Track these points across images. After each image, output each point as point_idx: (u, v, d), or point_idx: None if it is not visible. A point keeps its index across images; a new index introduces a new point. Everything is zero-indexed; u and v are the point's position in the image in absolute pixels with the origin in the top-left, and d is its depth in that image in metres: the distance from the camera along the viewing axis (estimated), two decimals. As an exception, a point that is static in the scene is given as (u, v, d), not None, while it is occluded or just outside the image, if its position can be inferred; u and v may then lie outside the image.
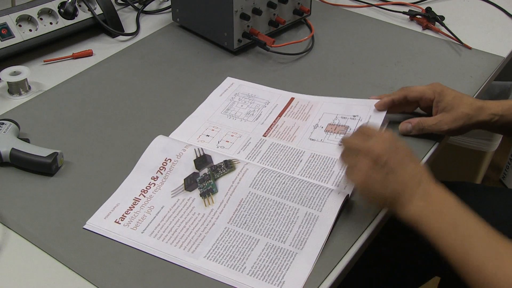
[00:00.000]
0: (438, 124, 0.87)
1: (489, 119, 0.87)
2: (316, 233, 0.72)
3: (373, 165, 0.69)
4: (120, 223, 0.74)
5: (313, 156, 0.85)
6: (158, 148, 0.83)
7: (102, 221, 0.74)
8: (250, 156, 0.85)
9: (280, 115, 0.94)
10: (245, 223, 0.74)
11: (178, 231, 0.73)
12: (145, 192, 0.79)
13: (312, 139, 0.88)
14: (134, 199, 0.77)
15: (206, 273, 0.68)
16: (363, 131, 0.74)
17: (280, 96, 0.98)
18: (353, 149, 0.72)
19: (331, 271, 0.69)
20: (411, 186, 0.68)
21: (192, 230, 0.73)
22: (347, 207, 0.77)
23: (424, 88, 0.89)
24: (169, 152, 0.82)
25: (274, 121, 0.92)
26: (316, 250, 0.70)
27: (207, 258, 0.69)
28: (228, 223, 0.74)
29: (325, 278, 0.68)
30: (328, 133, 0.89)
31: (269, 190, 0.77)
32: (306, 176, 0.81)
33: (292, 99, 0.97)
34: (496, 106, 0.88)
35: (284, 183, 0.77)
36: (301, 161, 0.84)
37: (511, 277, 0.62)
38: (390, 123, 0.92)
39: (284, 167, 0.83)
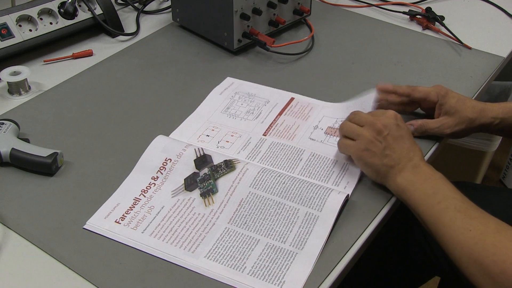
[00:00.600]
0: (441, 128, 0.87)
1: (491, 122, 0.87)
2: (316, 233, 0.72)
3: (374, 137, 0.76)
4: (120, 223, 0.74)
5: (313, 155, 0.85)
6: (158, 148, 0.83)
7: (102, 221, 0.74)
8: (250, 156, 0.85)
9: (280, 113, 0.94)
10: (245, 223, 0.74)
11: (178, 231, 0.73)
12: (146, 192, 0.79)
13: (312, 139, 0.88)
14: (134, 199, 0.77)
15: (206, 273, 0.68)
16: (372, 113, 0.81)
17: (280, 96, 0.98)
18: (360, 120, 0.79)
19: (331, 271, 0.69)
20: (404, 160, 0.75)
21: (192, 230, 0.73)
22: (347, 207, 0.77)
23: (428, 89, 0.89)
24: (169, 152, 0.82)
25: (274, 120, 0.92)
26: (316, 250, 0.70)
27: (207, 258, 0.69)
28: (228, 223, 0.74)
29: (325, 278, 0.68)
30: (328, 135, 0.89)
31: (269, 190, 0.77)
32: (306, 176, 0.81)
33: (292, 99, 0.97)
34: (497, 109, 0.88)
35: (284, 183, 0.77)
36: (301, 160, 0.84)
37: (478, 239, 0.67)
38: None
39: (284, 167, 0.83)
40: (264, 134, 0.89)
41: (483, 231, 0.67)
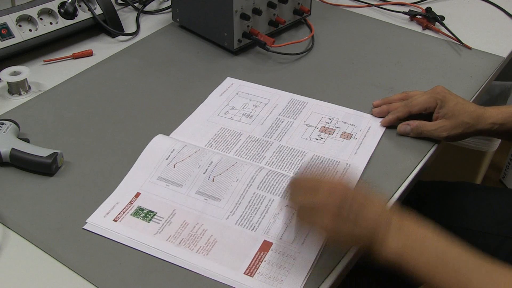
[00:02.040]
0: (438, 130, 0.87)
1: (489, 128, 0.87)
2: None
3: (335, 220, 0.63)
4: (118, 222, 0.74)
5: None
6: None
7: (101, 220, 0.74)
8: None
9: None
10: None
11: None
12: (145, 192, 0.79)
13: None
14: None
15: (206, 273, 0.68)
16: (303, 185, 0.68)
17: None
18: (307, 207, 0.66)
19: (331, 272, 0.69)
20: (382, 228, 0.63)
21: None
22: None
23: (425, 98, 0.88)
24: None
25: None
26: (316, 250, 0.70)
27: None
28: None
29: (325, 278, 0.68)
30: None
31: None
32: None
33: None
34: (496, 114, 0.87)
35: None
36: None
37: None
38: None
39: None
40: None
41: (504, 285, 0.58)
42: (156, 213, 0.75)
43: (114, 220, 0.74)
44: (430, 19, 1.20)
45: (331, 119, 0.93)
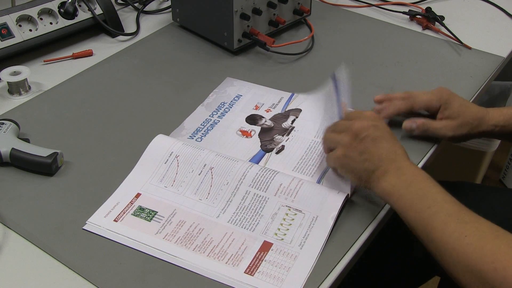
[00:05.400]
0: (444, 129, 0.87)
1: (491, 129, 0.87)
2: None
3: (352, 140, 0.73)
4: (118, 222, 0.74)
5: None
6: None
7: (102, 220, 0.74)
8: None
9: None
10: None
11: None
12: (145, 192, 0.79)
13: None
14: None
15: (206, 274, 0.68)
16: (349, 116, 0.79)
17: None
18: (338, 127, 0.77)
19: (331, 271, 0.69)
20: (386, 163, 0.71)
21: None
22: (347, 207, 0.77)
23: (429, 96, 0.88)
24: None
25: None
26: (316, 250, 0.70)
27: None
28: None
29: (325, 278, 0.68)
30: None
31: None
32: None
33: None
34: (498, 116, 0.87)
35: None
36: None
37: (476, 245, 0.62)
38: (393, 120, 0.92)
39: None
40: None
41: (479, 236, 0.63)
42: (157, 212, 0.75)
43: (115, 221, 0.74)
44: (430, 19, 1.20)
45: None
